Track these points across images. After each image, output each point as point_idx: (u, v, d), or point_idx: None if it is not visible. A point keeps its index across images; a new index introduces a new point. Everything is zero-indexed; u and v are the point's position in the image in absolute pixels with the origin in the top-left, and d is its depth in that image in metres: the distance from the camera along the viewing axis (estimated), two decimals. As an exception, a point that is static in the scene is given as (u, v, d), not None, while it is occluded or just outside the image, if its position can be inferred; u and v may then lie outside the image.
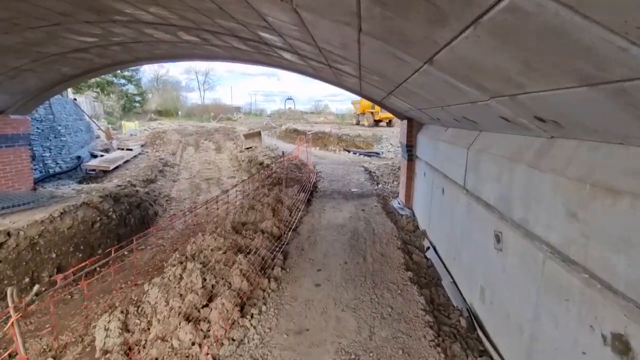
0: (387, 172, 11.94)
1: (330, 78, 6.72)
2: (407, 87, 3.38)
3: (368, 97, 7.27)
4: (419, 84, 2.86)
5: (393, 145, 18.77)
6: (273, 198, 6.47)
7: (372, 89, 5.62)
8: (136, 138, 20.28)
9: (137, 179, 11.97)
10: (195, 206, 8.65)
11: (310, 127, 23.43)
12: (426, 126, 6.11)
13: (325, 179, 9.70)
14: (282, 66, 7.09)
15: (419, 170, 6.16)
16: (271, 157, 14.53)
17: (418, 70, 2.38)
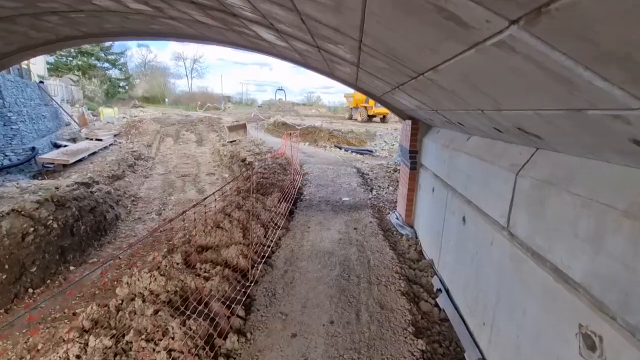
0: (382, 175, 10.84)
1: (321, 66, 5.53)
2: (433, 79, 2.24)
3: (364, 91, 6.10)
4: (462, 73, 1.72)
5: (387, 143, 17.69)
6: (246, 212, 5.30)
7: (373, 81, 4.46)
8: (110, 127, 18.68)
9: (101, 175, 10.59)
10: (159, 226, 7.44)
11: (301, 121, 22.15)
12: (435, 129, 4.99)
13: (313, 183, 8.54)
14: (263, 49, 5.86)
15: (425, 183, 5.06)
16: (255, 153, 13.28)
17: (476, 46, 1.24)
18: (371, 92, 6.03)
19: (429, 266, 4.30)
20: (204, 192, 11.20)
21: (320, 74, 5.96)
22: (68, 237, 6.51)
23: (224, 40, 5.86)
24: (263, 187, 6.85)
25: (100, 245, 7.45)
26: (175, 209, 9.73)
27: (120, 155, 12.89)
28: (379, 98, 6.05)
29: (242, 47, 5.86)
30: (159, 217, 9.22)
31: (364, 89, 6.04)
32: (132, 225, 8.61)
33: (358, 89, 6.10)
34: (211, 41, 5.95)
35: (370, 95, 6.15)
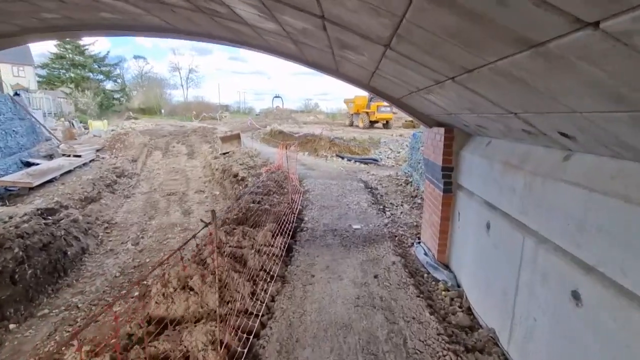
0: (393, 190, 9.50)
1: (323, 60, 4.24)
2: (509, 69, 0.91)
3: (378, 92, 4.80)
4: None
5: (393, 150, 16.39)
6: (229, 258, 3.94)
7: (399, 79, 3.16)
8: (94, 141, 17.38)
9: (72, 198, 9.25)
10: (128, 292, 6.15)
11: (299, 128, 20.88)
12: (481, 140, 3.66)
13: (315, 204, 7.19)
14: (245, 41, 4.58)
15: (469, 213, 3.72)
16: (249, 166, 11.95)
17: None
18: (387, 94, 4.73)
19: (491, 341, 2.93)
20: (191, 213, 9.85)
21: (321, 70, 4.66)
22: (7, 287, 5.14)
23: (195, 32, 4.57)
24: (255, 214, 5.50)
25: (57, 291, 6.07)
26: (155, 236, 8.36)
27: (99, 173, 11.56)
28: (397, 100, 4.74)
29: (219, 40, 4.57)
30: (135, 247, 7.85)
31: (378, 90, 4.74)
32: (101, 260, 7.23)
33: (370, 89, 4.80)
34: (181, 34, 4.65)
35: (384, 96, 4.84)
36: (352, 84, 4.84)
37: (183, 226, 8.94)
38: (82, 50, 51.79)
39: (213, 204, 10.67)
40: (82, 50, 51.79)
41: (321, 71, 4.73)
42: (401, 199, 8.64)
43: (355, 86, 4.94)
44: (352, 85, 4.89)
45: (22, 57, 40.65)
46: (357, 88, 5.24)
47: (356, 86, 4.95)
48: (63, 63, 50.74)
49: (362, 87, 4.94)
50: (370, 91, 4.94)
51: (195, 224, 9.11)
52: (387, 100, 4.95)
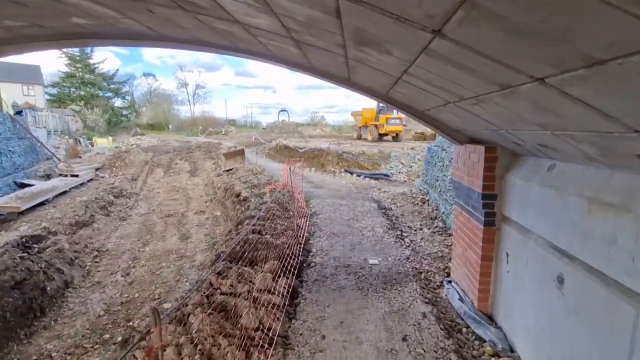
0: (409, 210, 8.63)
1: (333, 67, 3.51)
2: None
3: (397, 104, 4.03)
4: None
5: (404, 164, 15.55)
6: (217, 313, 3.14)
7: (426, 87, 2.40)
8: (96, 159, 16.93)
9: (62, 223, 8.59)
10: None
11: (305, 143, 20.22)
12: (537, 163, 2.84)
13: (324, 230, 6.38)
14: (240, 49, 3.89)
15: (524, 256, 2.87)
16: (252, 185, 11.22)
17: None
18: (409, 106, 3.96)
19: None
20: (189, 237, 9.10)
21: (329, 79, 3.93)
22: (-36, 338, 4.39)
23: (181, 38, 3.89)
24: (254, 247, 4.69)
25: (30, 335, 5.30)
26: (148, 265, 7.59)
27: (95, 194, 10.94)
28: (421, 113, 3.97)
29: (209, 46, 3.88)
30: (125, 278, 7.09)
31: (397, 101, 3.97)
32: (85, 295, 6.47)
33: (386, 100, 4.04)
34: (166, 41, 3.98)
35: (404, 109, 4.07)
36: (365, 94, 4.09)
37: (179, 253, 8.17)
38: (92, 68, 52.83)
39: (213, 226, 9.92)
40: (92, 68, 52.83)
41: (329, 80, 4.00)
42: (419, 221, 7.76)
43: (369, 97, 4.19)
44: (366, 95, 4.14)
45: (32, 76, 41.39)
46: (370, 99, 4.49)
47: (370, 97, 4.20)
48: (73, 81, 51.72)
49: (377, 98, 4.18)
50: (387, 103, 4.17)
51: (192, 250, 8.34)
52: (407, 114, 4.18)
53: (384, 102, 4.21)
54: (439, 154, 9.22)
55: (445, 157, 8.51)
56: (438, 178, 8.91)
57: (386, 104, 4.21)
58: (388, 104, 4.18)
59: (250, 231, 5.31)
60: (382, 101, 4.16)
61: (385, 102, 4.18)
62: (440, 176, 8.63)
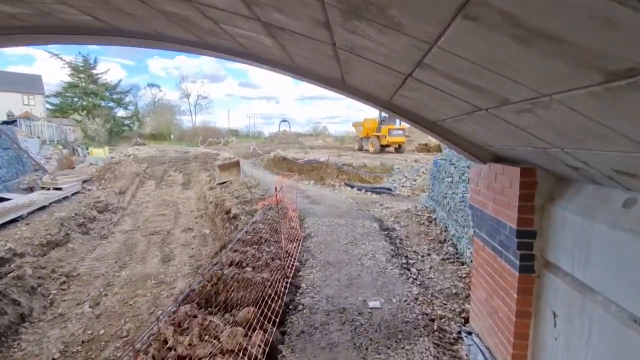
0: (414, 230, 7.78)
1: (321, 66, 2.75)
2: None
3: (402, 113, 3.25)
4: None
5: (408, 178, 14.73)
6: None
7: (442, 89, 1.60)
8: (84, 170, 16.25)
9: (31, 243, 7.79)
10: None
11: (304, 154, 19.49)
12: (602, 194, 2.01)
13: (317, 258, 5.53)
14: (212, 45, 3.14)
15: (586, 323, 2.02)
16: (245, 200, 10.42)
17: None
18: (417, 115, 3.18)
19: None
20: (172, 260, 8.26)
21: (319, 82, 3.17)
22: None
23: (140, 32, 3.15)
24: (229, 287, 3.86)
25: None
26: (121, 293, 6.74)
27: (76, 210, 10.17)
28: (432, 124, 3.18)
29: (170, 42, 3.13)
30: (93, 310, 6.24)
31: (403, 109, 3.20)
32: (43, 332, 5.62)
33: (389, 108, 3.25)
34: (121, 37, 3.23)
35: (411, 119, 3.27)
36: (363, 100, 3.31)
37: (158, 278, 7.33)
38: (95, 79, 52.87)
39: (200, 246, 9.09)
40: (95, 79, 52.87)
41: (320, 83, 3.23)
42: (426, 245, 6.90)
43: (369, 104, 3.41)
44: (365, 102, 3.36)
45: (33, 86, 41.26)
46: (371, 106, 3.75)
47: (369, 104, 3.41)
48: (76, 91, 51.66)
49: (378, 106, 3.39)
50: (390, 112, 3.38)
51: (173, 275, 7.49)
52: (415, 125, 3.39)
53: (386, 111, 3.43)
54: (447, 169, 8.41)
55: (454, 173, 7.70)
56: (446, 195, 8.08)
57: (389, 112, 3.43)
58: (391, 113, 3.40)
59: (228, 262, 4.47)
60: (384, 109, 3.38)
61: (387, 111, 3.39)
62: (449, 193, 7.80)
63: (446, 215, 7.89)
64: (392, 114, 3.43)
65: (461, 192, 6.94)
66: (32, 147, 18.45)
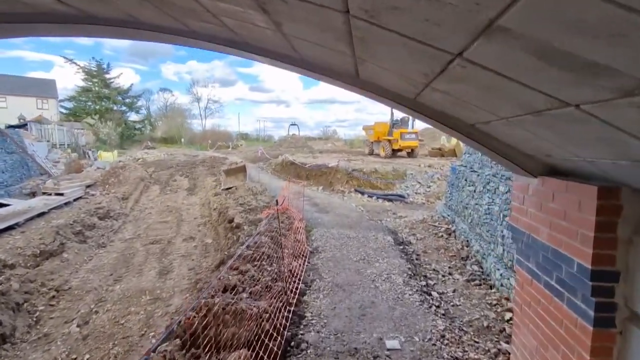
0: (432, 244, 7.08)
1: (330, 57, 2.12)
2: None
3: (431, 113, 2.60)
4: None
5: (422, 184, 13.99)
6: None
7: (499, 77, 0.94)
8: (89, 175, 16.00)
9: (23, 254, 7.38)
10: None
11: (313, 158, 18.91)
12: None
13: (325, 279, 4.91)
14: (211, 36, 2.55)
15: None
16: (249, 208, 9.87)
17: None
18: (450, 116, 2.54)
19: None
20: (170, 272, 7.74)
21: (326, 76, 2.57)
22: None
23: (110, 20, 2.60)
24: (220, 320, 3.26)
25: None
26: (113, 311, 6.23)
27: (75, 217, 9.78)
28: (469, 127, 2.54)
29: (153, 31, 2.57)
30: (80, 329, 5.74)
31: (429, 109, 2.56)
32: (24, 355, 5.12)
33: (413, 107, 2.61)
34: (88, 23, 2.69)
35: (441, 120, 2.63)
36: (381, 98, 2.68)
37: (154, 294, 6.80)
38: (108, 83, 53.64)
39: (201, 257, 8.56)
40: (108, 83, 53.64)
41: (328, 78, 2.63)
42: (447, 261, 6.20)
43: (386, 102, 2.77)
44: (382, 100, 2.73)
45: (46, 90, 41.98)
46: (388, 105, 3.14)
47: (387, 102, 2.77)
48: (89, 96, 52.46)
49: (399, 105, 2.75)
50: (412, 111, 2.74)
51: (170, 290, 6.96)
52: (443, 128, 2.74)
53: (408, 111, 2.79)
54: (468, 176, 7.69)
55: (477, 181, 6.99)
56: (468, 206, 7.36)
57: (411, 113, 2.79)
58: (414, 114, 2.76)
59: (222, 288, 3.88)
60: (405, 109, 2.75)
61: (410, 111, 2.75)
62: (471, 204, 7.09)
63: (467, 228, 7.17)
64: (415, 115, 2.79)
65: (486, 204, 6.24)
66: (40, 151, 18.37)
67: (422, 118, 2.83)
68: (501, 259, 5.39)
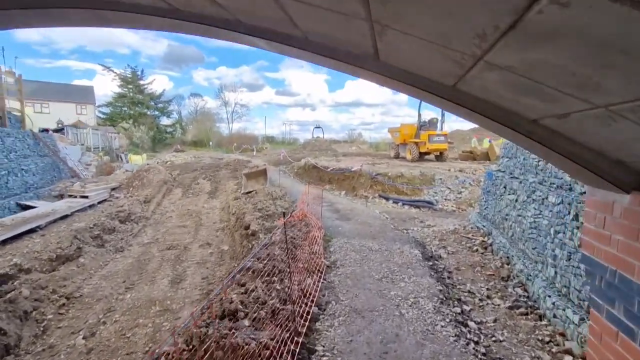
0: (466, 260, 6.28)
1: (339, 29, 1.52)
2: None
3: (474, 106, 1.92)
4: None
5: (452, 190, 13.00)
6: None
7: None
8: (115, 178, 16.31)
9: (40, 258, 7.33)
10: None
11: (336, 162, 18.31)
12: None
13: (342, 301, 4.31)
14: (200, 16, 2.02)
15: None
16: (267, 214, 9.44)
17: None
18: (509, 109, 1.87)
19: None
20: (182, 281, 7.42)
21: (338, 62, 1.97)
22: None
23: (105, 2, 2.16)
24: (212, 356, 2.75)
25: None
26: (121, 321, 5.94)
27: (95, 220, 9.79)
28: (533, 123, 1.86)
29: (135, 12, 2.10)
30: (86, 341, 5.49)
31: (473, 98, 1.90)
32: (26, 367, 4.93)
33: (451, 96, 1.96)
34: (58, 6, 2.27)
35: (492, 118, 1.95)
36: (407, 86, 2.07)
37: (164, 304, 6.47)
38: (142, 89, 56.02)
39: (215, 265, 8.20)
40: (142, 89, 56.02)
41: (339, 62, 2.04)
42: (484, 281, 5.39)
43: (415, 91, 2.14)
44: (408, 89, 2.12)
45: (85, 96, 44.38)
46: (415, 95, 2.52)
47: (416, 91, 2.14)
48: (124, 101, 55.00)
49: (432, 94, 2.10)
50: (450, 102, 2.08)
51: (181, 300, 6.61)
52: (494, 125, 2.07)
53: (445, 103, 2.14)
54: (507, 183, 6.80)
55: (519, 189, 6.11)
56: (508, 217, 6.48)
57: (448, 106, 2.14)
58: (452, 107, 2.11)
59: (219, 314, 3.38)
60: (441, 100, 2.10)
61: (445, 103, 2.10)
62: (512, 215, 6.21)
63: (507, 242, 6.29)
64: (452, 109, 2.15)
65: (531, 216, 5.37)
66: (73, 154, 19.07)
67: (463, 113, 2.18)
68: (552, 284, 4.53)
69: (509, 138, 2.19)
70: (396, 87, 2.16)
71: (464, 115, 2.17)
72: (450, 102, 1.97)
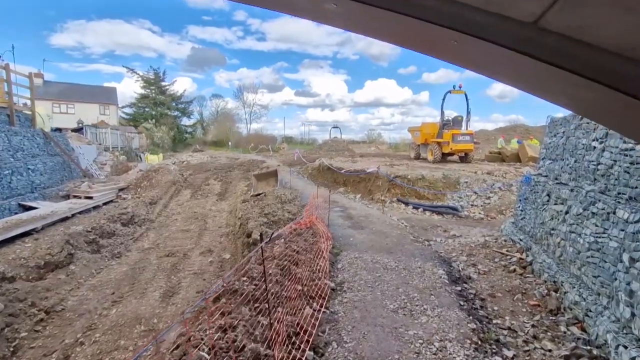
0: (501, 283, 5.21)
1: None
2: None
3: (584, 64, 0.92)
4: None
5: (479, 194, 11.73)
6: None
7: None
8: (126, 178, 16.01)
9: (26, 265, 6.81)
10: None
11: (352, 163, 17.30)
12: None
13: (345, 341, 3.40)
14: None
15: None
16: (273, 219, 8.61)
17: None
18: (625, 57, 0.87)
19: None
20: (173, 295, 6.69)
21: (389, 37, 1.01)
22: None
23: None
24: None
25: None
26: (101, 342, 5.25)
27: (95, 222, 9.31)
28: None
29: None
30: (57, 366, 4.84)
31: (574, 50, 0.90)
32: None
33: (527, 45, 0.98)
34: None
35: (610, 85, 0.96)
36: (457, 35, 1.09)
37: (149, 323, 5.76)
38: (164, 90, 56.99)
39: (214, 276, 7.45)
40: (164, 90, 56.99)
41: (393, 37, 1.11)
42: (528, 313, 4.30)
43: (483, 69, 1.19)
44: (468, 67, 1.16)
45: (108, 97, 45.36)
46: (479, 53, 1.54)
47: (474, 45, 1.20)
48: (147, 102, 56.11)
49: (497, 46, 1.15)
50: (527, 56, 1.11)
51: (168, 319, 5.88)
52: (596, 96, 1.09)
53: (511, 57, 1.17)
54: (553, 190, 5.64)
55: (570, 199, 4.96)
56: (554, 232, 5.33)
57: (525, 48, 1.15)
58: (530, 49, 1.13)
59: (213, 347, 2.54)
60: (505, 53, 1.13)
61: (515, 56, 1.14)
62: (562, 231, 5.06)
63: (554, 263, 5.14)
64: (522, 65, 1.20)
65: (590, 234, 4.24)
66: (89, 154, 19.01)
67: (544, 58, 1.22)
68: (627, 327, 3.42)
69: (604, 124, 1.21)
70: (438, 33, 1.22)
71: (546, 58, 1.20)
72: (525, 53, 1.02)
